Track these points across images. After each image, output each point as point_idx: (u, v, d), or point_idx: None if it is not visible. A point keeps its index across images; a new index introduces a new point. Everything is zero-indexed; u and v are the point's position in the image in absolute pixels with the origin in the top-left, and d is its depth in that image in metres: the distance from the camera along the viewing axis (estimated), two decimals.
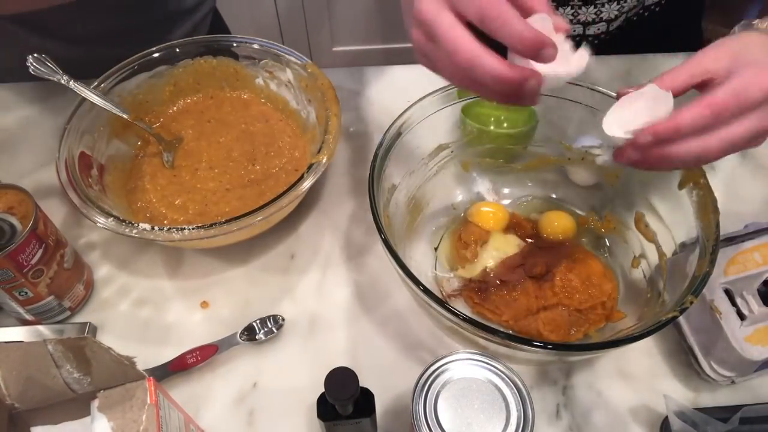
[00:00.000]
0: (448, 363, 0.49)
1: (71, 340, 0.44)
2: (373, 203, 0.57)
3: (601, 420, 0.59)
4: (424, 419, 0.46)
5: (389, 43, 1.98)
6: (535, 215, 0.71)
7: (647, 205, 0.64)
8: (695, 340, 0.60)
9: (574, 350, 0.53)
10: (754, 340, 0.56)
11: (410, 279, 0.53)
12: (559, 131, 0.69)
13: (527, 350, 0.50)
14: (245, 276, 0.69)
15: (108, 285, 0.69)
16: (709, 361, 0.59)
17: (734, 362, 0.57)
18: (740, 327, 0.57)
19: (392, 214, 0.64)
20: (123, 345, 0.64)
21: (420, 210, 0.69)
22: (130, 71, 0.75)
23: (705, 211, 0.56)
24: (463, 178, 0.73)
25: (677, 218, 0.60)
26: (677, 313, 0.50)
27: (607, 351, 0.58)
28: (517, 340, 0.50)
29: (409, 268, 0.54)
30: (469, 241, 0.67)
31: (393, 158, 0.63)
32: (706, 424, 0.52)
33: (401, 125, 0.63)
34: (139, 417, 0.45)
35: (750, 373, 0.58)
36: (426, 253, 0.68)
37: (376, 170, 0.60)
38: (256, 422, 0.59)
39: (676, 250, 0.59)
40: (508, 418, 0.46)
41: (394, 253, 0.54)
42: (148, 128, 0.75)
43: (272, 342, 0.64)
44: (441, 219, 0.71)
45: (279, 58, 0.76)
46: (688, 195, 0.58)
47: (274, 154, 0.76)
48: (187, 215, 0.70)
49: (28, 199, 0.59)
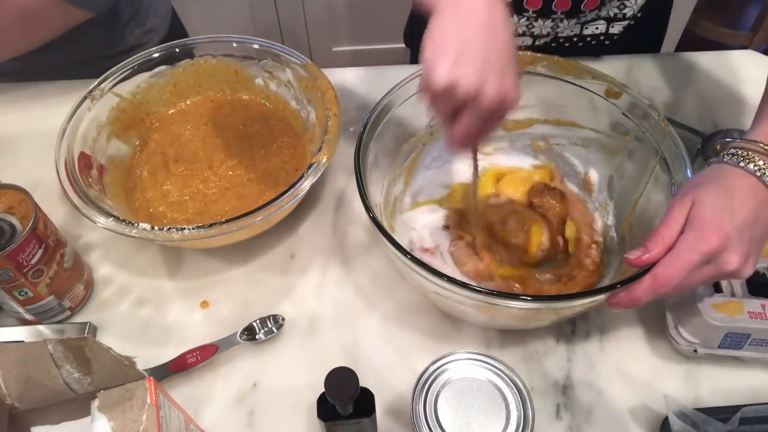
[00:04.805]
0: (448, 363, 0.49)
1: (71, 340, 0.44)
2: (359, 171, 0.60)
3: (601, 420, 0.59)
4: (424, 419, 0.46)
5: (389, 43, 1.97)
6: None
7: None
8: (671, 304, 0.62)
9: (556, 300, 0.54)
10: (720, 309, 0.58)
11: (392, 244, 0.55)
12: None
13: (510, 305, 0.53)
14: (245, 276, 0.69)
15: (108, 285, 0.69)
16: (676, 324, 0.60)
17: (696, 325, 0.58)
18: (713, 295, 0.59)
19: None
20: (123, 345, 0.64)
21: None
22: (130, 71, 0.75)
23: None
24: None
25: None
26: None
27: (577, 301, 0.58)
28: (499, 295, 0.52)
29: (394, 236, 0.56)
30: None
31: (380, 133, 0.66)
32: (706, 424, 0.52)
33: (387, 102, 0.66)
34: (139, 417, 0.45)
35: (714, 346, 0.59)
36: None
37: (362, 144, 0.62)
38: (256, 422, 0.59)
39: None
40: (508, 418, 0.46)
41: (380, 225, 0.56)
42: None
43: (272, 342, 0.64)
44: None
45: (279, 58, 0.76)
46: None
47: (274, 154, 0.76)
48: (186, 214, 0.70)
49: (28, 199, 0.59)
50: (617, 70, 0.89)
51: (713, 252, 0.49)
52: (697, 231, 0.50)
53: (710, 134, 0.76)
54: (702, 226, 0.50)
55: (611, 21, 0.86)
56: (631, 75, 0.89)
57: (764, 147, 0.53)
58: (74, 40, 0.83)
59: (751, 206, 0.51)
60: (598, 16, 0.84)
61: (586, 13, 0.83)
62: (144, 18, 0.93)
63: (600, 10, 0.83)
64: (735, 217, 0.50)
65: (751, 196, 0.52)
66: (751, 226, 0.51)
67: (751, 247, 0.51)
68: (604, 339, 0.64)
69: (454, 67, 0.48)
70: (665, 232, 0.51)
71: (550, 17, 0.83)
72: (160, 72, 0.77)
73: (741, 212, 0.51)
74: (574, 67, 0.69)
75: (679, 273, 0.50)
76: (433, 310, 0.66)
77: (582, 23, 0.85)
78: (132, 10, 0.91)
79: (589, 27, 0.86)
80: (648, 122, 0.66)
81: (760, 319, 0.57)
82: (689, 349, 0.59)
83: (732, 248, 0.50)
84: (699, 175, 0.55)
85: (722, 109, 0.85)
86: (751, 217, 0.51)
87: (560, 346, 0.64)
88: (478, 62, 0.48)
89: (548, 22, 0.84)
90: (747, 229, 0.50)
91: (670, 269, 0.50)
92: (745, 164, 0.52)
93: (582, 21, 0.85)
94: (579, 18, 0.83)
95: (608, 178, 0.72)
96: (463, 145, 0.55)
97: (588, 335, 0.64)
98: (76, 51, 0.87)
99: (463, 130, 0.52)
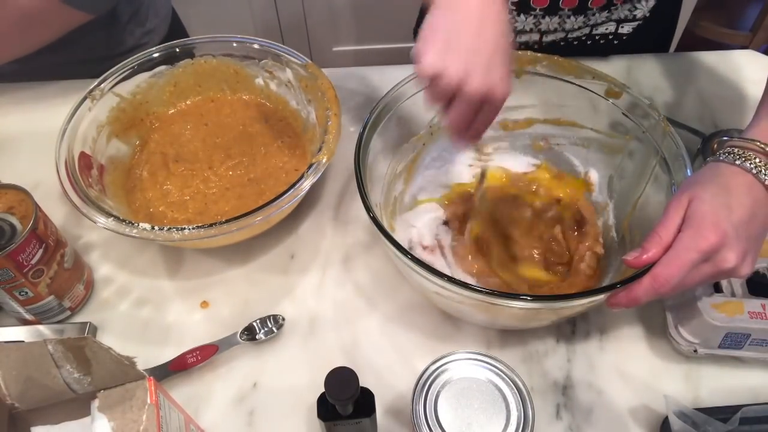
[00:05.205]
0: (448, 363, 0.49)
1: (71, 340, 0.44)
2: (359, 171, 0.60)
3: (601, 420, 0.59)
4: (424, 419, 0.46)
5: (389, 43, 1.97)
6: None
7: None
8: (671, 305, 0.62)
9: (558, 300, 0.54)
10: (720, 308, 0.58)
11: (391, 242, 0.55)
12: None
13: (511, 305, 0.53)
14: (245, 276, 0.69)
15: (108, 285, 0.69)
16: (676, 324, 0.60)
17: (696, 325, 0.58)
18: (712, 295, 0.59)
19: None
20: (123, 345, 0.64)
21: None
22: (130, 71, 0.75)
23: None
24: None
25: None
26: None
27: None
28: (499, 295, 0.52)
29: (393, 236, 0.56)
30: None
31: (380, 132, 0.66)
32: (706, 424, 0.52)
33: (387, 102, 0.66)
34: (139, 417, 0.45)
35: (714, 346, 0.59)
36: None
37: (363, 142, 0.63)
38: (256, 422, 0.59)
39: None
40: (508, 418, 0.46)
41: (379, 223, 0.56)
42: None
43: (272, 342, 0.64)
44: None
45: (279, 58, 0.76)
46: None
47: (274, 154, 0.76)
48: (186, 214, 0.70)
49: (28, 199, 0.59)
50: (618, 70, 0.89)
51: (711, 249, 0.49)
52: (695, 229, 0.50)
53: (710, 134, 0.76)
54: (700, 224, 0.50)
55: (621, 22, 0.86)
56: (632, 75, 0.89)
57: (761, 145, 0.53)
58: (74, 41, 0.83)
59: (748, 203, 0.51)
60: (608, 18, 0.84)
61: (594, 11, 0.82)
62: (144, 19, 0.93)
63: (610, 12, 0.83)
64: (732, 215, 0.50)
65: (747, 194, 0.52)
66: (748, 224, 0.51)
67: (748, 245, 0.51)
68: (604, 339, 0.64)
69: (440, 56, 0.50)
70: (662, 231, 0.51)
71: (557, 14, 0.83)
72: (160, 72, 0.77)
73: (738, 210, 0.51)
74: (574, 67, 0.69)
75: (678, 272, 0.50)
76: (433, 310, 0.66)
77: (591, 25, 0.85)
78: (132, 11, 0.90)
79: (599, 28, 0.86)
80: (648, 122, 0.65)
81: (760, 319, 0.57)
82: (689, 349, 0.59)
83: (730, 246, 0.50)
84: (696, 174, 0.55)
85: (722, 109, 0.85)
86: (748, 215, 0.51)
87: (560, 346, 0.64)
88: (464, 52, 0.50)
89: (555, 19, 0.84)
90: (744, 227, 0.50)
91: (669, 268, 0.50)
92: (741, 162, 0.52)
93: (591, 23, 0.85)
94: (587, 15, 0.83)
95: (608, 177, 0.72)
96: (461, 136, 0.57)
97: (588, 335, 0.64)
98: (77, 52, 0.87)
99: (453, 117, 0.54)
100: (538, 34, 0.86)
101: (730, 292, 0.59)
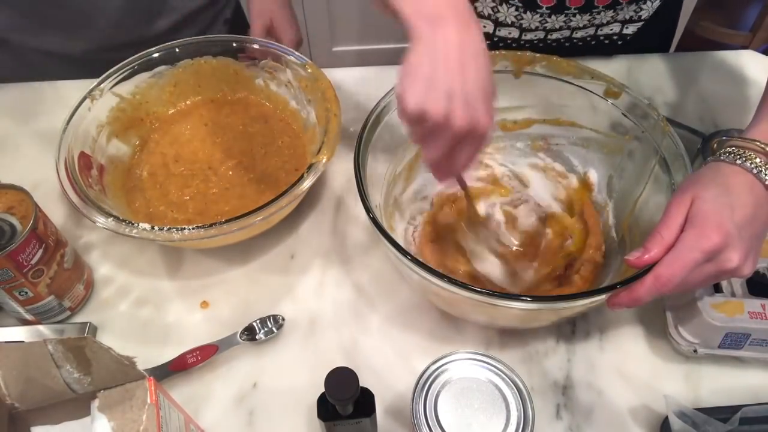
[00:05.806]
0: (448, 363, 0.49)
1: (71, 340, 0.44)
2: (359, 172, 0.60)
3: (601, 420, 0.59)
4: (424, 419, 0.46)
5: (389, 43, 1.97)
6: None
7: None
8: (670, 305, 0.62)
9: (555, 301, 0.54)
10: (720, 309, 0.58)
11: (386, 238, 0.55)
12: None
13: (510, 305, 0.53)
14: (245, 276, 0.69)
15: (108, 285, 0.69)
16: (676, 324, 0.60)
17: (696, 325, 0.58)
18: (713, 295, 0.59)
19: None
20: (123, 345, 0.64)
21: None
22: (130, 71, 0.75)
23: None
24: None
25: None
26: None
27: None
28: (499, 296, 0.51)
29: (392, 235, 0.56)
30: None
31: (380, 132, 0.66)
32: (706, 424, 0.52)
33: (387, 102, 0.66)
34: (139, 417, 0.45)
35: (714, 346, 0.59)
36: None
37: (363, 142, 0.63)
38: (256, 422, 0.59)
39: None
40: (508, 418, 0.46)
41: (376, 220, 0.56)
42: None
43: (272, 342, 0.64)
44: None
45: (279, 58, 0.76)
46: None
47: (274, 154, 0.76)
48: (186, 214, 0.70)
49: (28, 199, 0.59)
50: (617, 70, 0.89)
51: (715, 249, 0.49)
52: (699, 229, 0.50)
53: (710, 134, 0.76)
54: (703, 224, 0.50)
55: (626, 23, 0.86)
56: (632, 75, 0.89)
57: (761, 145, 0.53)
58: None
59: (750, 203, 0.51)
60: (614, 18, 0.84)
61: (600, 9, 0.82)
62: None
63: (616, 12, 0.83)
64: (735, 215, 0.50)
65: (748, 193, 0.52)
66: (750, 224, 0.51)
67: (750, 245, 0.51)
68: (604, 339, 0.64)
69: (421, 98, 0.48)
70: (664, 231, 0.51)
71: (563, 12, 0.83)
72: (160, 72, 0.77)
73: (740, 209, 0.51)
74: (573, 67, 0.69)
75: (681, 272, 0.50)
76: (433, 310, 0.66)
77: (596, 25, 0.85)
78: None
79: (603, 29, 0.86)
80: (647, 122, 0.65)
81: (760, 319, 0.57)
82: (689, 349, 0.59)
83: (733, 246, 0.49)
84: (696, 174, 0.55)
85: (722, 109, 0.85)
86: (750, 215, 0.51)
87: (560, 346, 0.64)
88: (446, 91, 0.48)
89: (561, 17, 0.84)
90: (746, 227, 0.51)
91: (672, 268, 0.50)
92: (742, 162, 0.53)
93: (596, 22, 0.85)
94: (592, 14, 0.83)
95: (608, 177, 0.72)
96: (440, 172, 0.55)
97: (588, 335, 0.64)
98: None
99: (429, 155, 0.52)
100: (543, 32, 0.86)
101: (730, 292, 0.59)
